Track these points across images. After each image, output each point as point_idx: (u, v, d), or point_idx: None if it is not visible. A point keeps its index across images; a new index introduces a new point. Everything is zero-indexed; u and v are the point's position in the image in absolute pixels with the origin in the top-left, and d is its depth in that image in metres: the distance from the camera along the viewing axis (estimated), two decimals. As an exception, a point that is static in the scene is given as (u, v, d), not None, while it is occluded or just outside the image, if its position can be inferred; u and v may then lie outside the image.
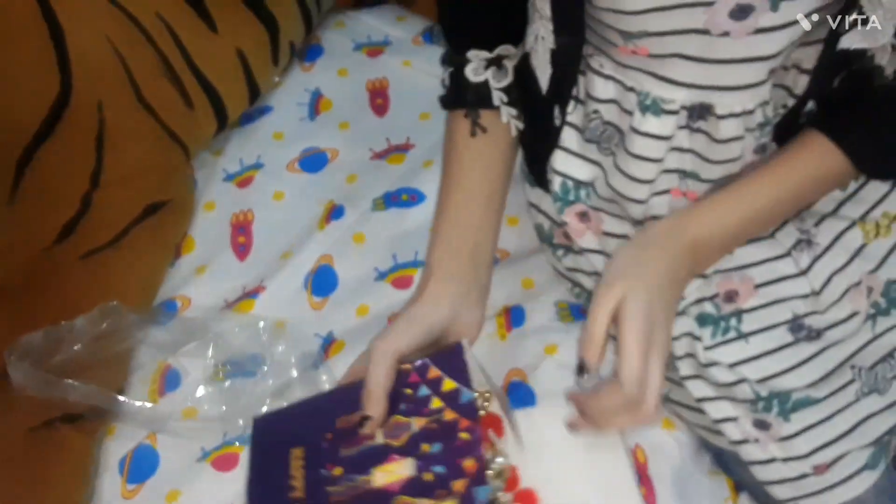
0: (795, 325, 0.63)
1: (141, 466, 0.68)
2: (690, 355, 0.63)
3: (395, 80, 0.92)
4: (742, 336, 0.62)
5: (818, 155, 0.60)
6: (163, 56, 0.80)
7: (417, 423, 0.54)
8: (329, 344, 0.73)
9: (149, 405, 0.71)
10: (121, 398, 0.69)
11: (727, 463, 0.69)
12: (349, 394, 0.58)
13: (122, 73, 0.78)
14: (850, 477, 0.62)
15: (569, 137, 0.67)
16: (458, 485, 0.51)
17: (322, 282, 0.77)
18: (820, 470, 0.63)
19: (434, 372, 0.57)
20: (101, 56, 0.76)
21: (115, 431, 0.70)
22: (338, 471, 0.55)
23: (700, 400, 0.64)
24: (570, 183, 0.67)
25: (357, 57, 0.94)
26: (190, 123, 0.84)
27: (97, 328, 0.70)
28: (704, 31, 0.55)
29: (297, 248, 0.79)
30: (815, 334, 0.63)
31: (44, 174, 0.73)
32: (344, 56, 0.95)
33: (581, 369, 0.57)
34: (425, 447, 0.53)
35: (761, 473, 0.64)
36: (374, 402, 0.57)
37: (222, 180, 0.86)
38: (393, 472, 0.53)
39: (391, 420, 0.55)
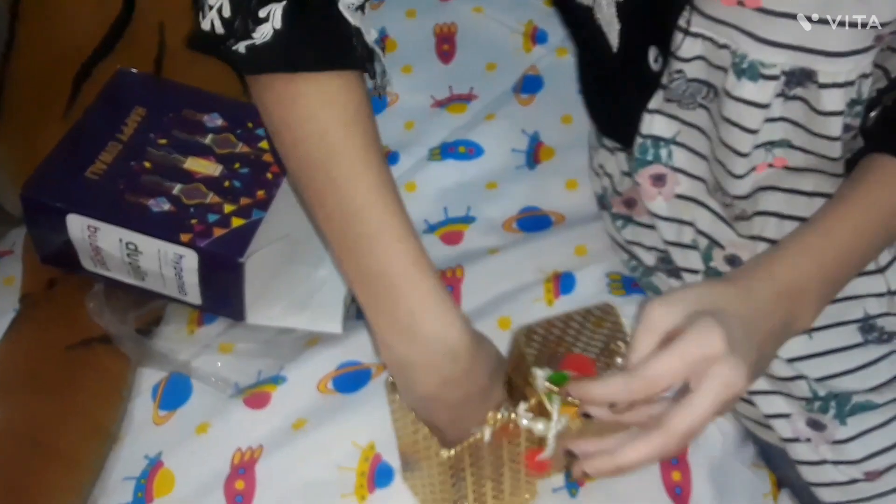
0: (867, 325, 0.59)
1: (174, 394, 0.67)
2: None
3: (465, 26, 0.89)
4: (806, 331, 0.59)
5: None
6: (229, -20, 0.78)
7: (242, 148, 0.66)
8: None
9: (186, 334, 0.70)
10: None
11: (773, 458, 0.67)
12: (210, 99, 0.69)
13: (187, -6, 0.76)
14: (903, 486, 0.60)
15: (654, 96, 0.61)
16: (245, 200, 0.63)
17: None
18: (872, 476, 0.60)
19: None
20: (166, -25, 0.75)
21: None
22: (163, 141, 0.66)
23: (753, 393, 0.61)
24: (648, 142, 0.62)
25: (428, -2, 0.91)
26: (251, 53, 0.82)
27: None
28: None
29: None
30: (886, 337, 0.59)
31: (100, 91, 0.73)
32: (415, -4, 0.92)
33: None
34: (237, 165, 0.65)
35: (809, 474, 0.62)
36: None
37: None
38: (203, 166, 0.64)
39: (225, 135, 0.67)
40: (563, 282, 0.71)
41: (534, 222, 0.76)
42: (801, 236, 0.53)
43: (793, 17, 0.51)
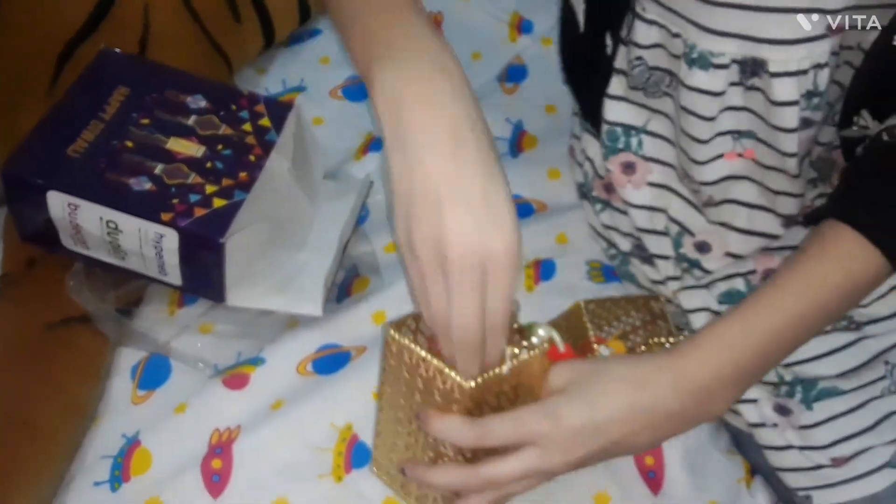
0: None
1: (153, 374, 0.68)
2: None
3: (451, 14, 0.90)
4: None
5: (844, 256, 0.51)
6: (215, -36, 0.78)
7: (225, 130, 0.67)
8: (353, 278, 0.73)
9: (166, 314, 0.71)
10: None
11: (743, 444, 0.67)
12: (194, 81, 0.70)
13: (172, -24, 0.76)
14: (870, 472, 0.61)
15: (615, 83, 0.62)
16: (227, 181, 0.63)
17: (352, 213, 0.76)
18: (838, 463, 0.61)
19: (261, 108, 0.69)
20: (151, -44, 0.75)
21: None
22: (145, 121, 0.66)
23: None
24: (618, 130, 0.63)
25: (413, -13, 0.92)
26: (236, 37, 0.82)
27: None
28: None
29: (332, 177, 0.78)
30: (854, 325, 0.60)
31: (83, 71, 0.72)
32: (400, -15, 0.92)
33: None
34: (220, 147, 0.65)
35: (775, 459, 0.62)
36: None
37: (263, 99, 0.85)
38: (185, 146, 0.65)
39: (208, 116, 0.67)
40: (543, 268, 0.71)
41: (516, 210, 0.76)
42: (721, 330, 0.52)
43: (733, 6, 0.51)
